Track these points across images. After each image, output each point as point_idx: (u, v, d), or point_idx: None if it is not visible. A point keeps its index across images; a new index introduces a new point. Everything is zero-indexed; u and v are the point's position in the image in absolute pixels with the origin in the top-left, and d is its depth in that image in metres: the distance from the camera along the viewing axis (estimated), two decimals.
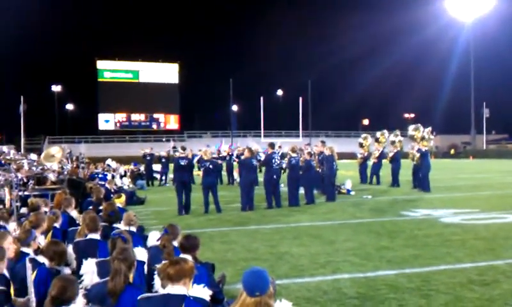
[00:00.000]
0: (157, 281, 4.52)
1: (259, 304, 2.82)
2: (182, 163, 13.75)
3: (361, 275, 6.66)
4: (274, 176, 14.42)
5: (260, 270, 2.99)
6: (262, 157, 17.21)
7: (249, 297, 2.84)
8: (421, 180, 18.38)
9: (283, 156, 17.55)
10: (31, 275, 3.92)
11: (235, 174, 22.82)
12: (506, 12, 66.24)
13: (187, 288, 3.40)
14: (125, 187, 19.25)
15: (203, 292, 3.68)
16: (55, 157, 12.67)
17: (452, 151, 67.51)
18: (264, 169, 15.67)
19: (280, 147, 23.14)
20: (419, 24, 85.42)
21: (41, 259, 4.40)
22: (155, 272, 4.59)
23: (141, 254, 4.84)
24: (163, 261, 4.00)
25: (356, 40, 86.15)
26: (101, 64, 74.11)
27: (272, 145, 15.27)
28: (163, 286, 3.51)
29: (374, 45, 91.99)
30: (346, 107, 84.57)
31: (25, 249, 4.90)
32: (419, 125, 20.06)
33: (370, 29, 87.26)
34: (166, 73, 76.51)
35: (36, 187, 11.94)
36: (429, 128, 20.04)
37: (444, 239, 9.00)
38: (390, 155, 21.08)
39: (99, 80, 73.54)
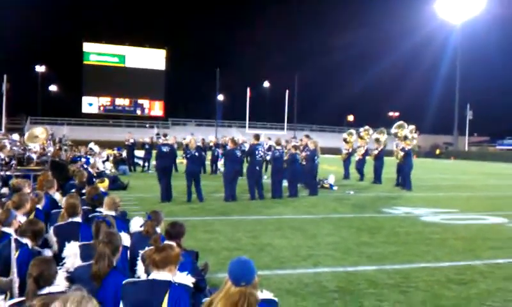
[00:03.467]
0: (140, 267, 4.50)
1: (244, 293, 2.81)
2: (165, 150, 13.70)
3: (341, 269, 6.73)
4: (257, 168, 14.44)
5: (246, 260, 2.99)
6: (247, 147, 17.17)
7: (234, 286, 2.83)
8: (403, 178, 18.58)
9: (270, 148, 17.57)
10: (14, 256, 3.88)
11: (219, 164, 22.80)
12: (495, 15, 67.03)
13: (173, 274, 3.40)
14: (107, 172, 19.08)
15: (186, 279, 3.68)
16: (39, 137, 12.52)
17: (438, 152, 68.04)
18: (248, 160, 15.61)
19: (269, 139, 23.27)
20: (409, 26, 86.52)
21: (24, 240, 4.36)
22: (139, 258, 4.57)
23: (124, 239, 4.80)
24: (148, 247, 3.99)
25: (346, 39, 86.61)
26: (87, 46, 73.20)
27: (257, 136, 15.20)
28: (148, 272, 3.50)
29: (364, 44, 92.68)
30: (332, 102, 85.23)
31: (6, 229, 4.85)
32: (403, 122, 20.22)
33: (361, 29, 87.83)
34: (152, 58, 75.83)
35: (19, 167, 11.80)
36: (413, 127, 20.22)
37: (424, 237, 9.13)
38: (375, 152, 21.07)
39: (84, 62, 72.70)
